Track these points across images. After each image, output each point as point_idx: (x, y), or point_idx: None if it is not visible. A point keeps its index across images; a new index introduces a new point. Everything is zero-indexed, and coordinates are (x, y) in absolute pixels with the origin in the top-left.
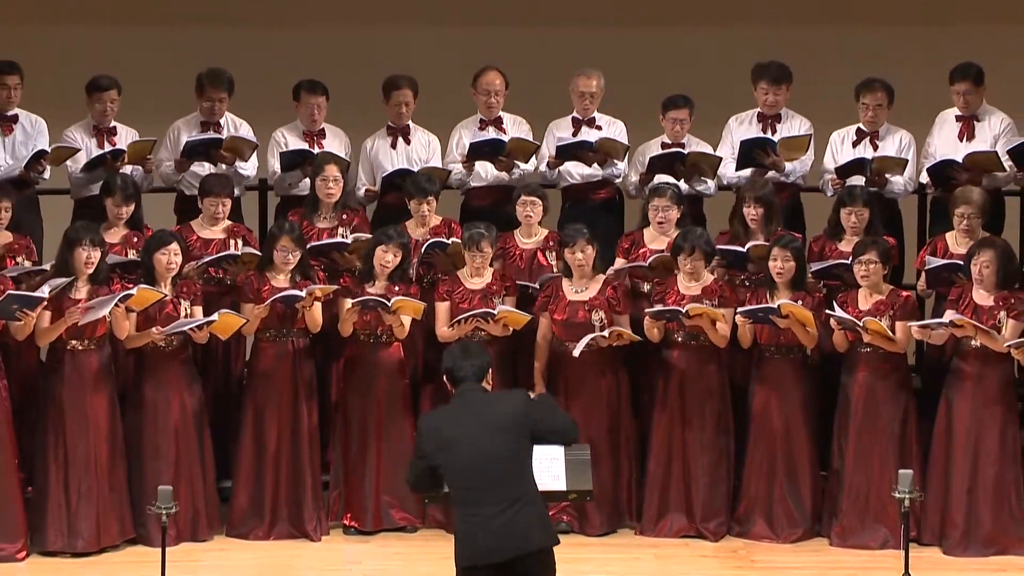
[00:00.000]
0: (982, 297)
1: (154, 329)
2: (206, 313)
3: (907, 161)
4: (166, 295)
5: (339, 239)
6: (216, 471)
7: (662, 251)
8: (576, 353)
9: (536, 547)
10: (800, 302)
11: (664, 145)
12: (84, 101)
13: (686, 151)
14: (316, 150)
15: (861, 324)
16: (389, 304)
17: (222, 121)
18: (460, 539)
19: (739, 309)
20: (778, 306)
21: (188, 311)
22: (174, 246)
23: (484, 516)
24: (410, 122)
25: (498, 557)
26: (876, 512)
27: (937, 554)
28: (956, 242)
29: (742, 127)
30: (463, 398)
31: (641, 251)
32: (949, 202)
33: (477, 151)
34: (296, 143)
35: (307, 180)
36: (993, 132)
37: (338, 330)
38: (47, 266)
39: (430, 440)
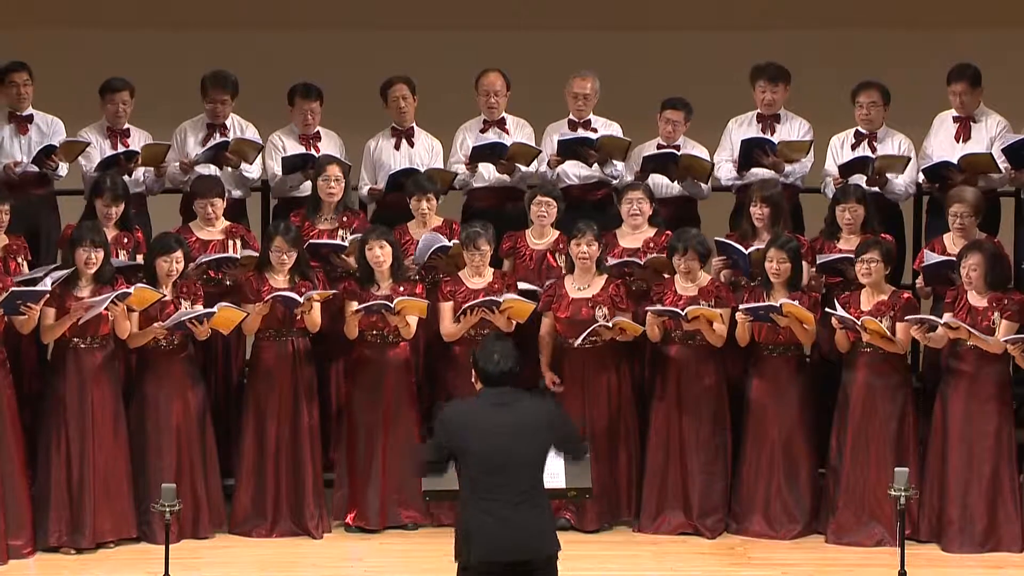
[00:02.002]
0: (976, 299)
1: (156, 324)
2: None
3: (909, 159)
4: (164, 295)
5: (336, 241)
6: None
7: (637, 249)
8: (577, 343)
9: (545, 553)
10: (797, 302)
11: (660, 147)
12: (97, 104)
13: (679, 152)
14: (313, 153)
15: (860, 323)
16: (392, 305)
17: (228, 123)
18: (472, 534)
19: (741, 306)
20: (780, 304)
21: (189, 310)
22: (178, 254)
23: (502, 515)
24: (414, 125)
25: (511, 556)
26: (872, 510)
27: (933, 551)
28: (953, 242)
29: (741, 128)
30: (491, 395)
31: (616, 251)
32: (944, 203)
33: (479, 154)
34: (292, 146)
35: (307, 183)
36: (990, 134)
37: (338, 331)
38: (53, 267)
39: (454, 431)
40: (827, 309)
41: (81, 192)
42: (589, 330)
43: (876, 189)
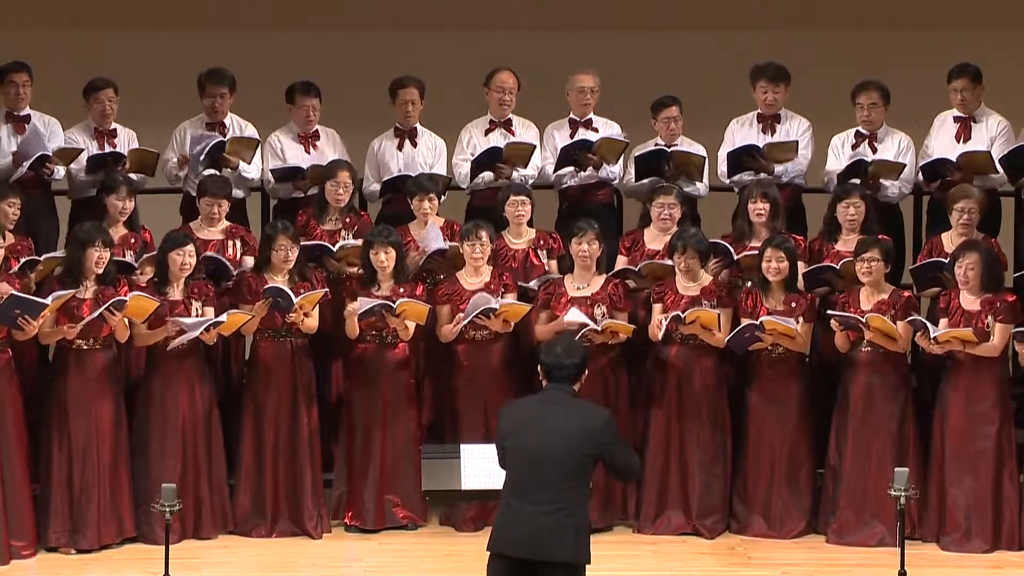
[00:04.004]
0: (969, 302)
1: (169, 321)
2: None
3: (904, 165)
4: (160, 303)
5: (322, 242)
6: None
7: (658, 251)
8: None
9: (564, 559)
10: (794, 304)
11: (657, 145)
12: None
13: (669, 150)
14: (312, 153)
15: (864, 320)
16: (393, 307)
17: (227, 122)
18: (496, 524)
19: (728, 340)
20: (760, 323)
21: (200, 311)
22: (190, 247)
23: (525, 512)
24: (418, 124)
25: (522, 553)
26: (873, 509)
27: (933, 551)
28: (952, 242)
29: (743, 129)
30: (548, 395)
31: (640, 249)
32: (947, 201)
33: (479, 165)
34: (291, 146)
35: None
36: (990, 134)
37: (339, 329)
38: (56, 254)
39: (504, 424)
40: (828, 311)
41: (64, 192)
42: (580, 333)
43: (869, 192)
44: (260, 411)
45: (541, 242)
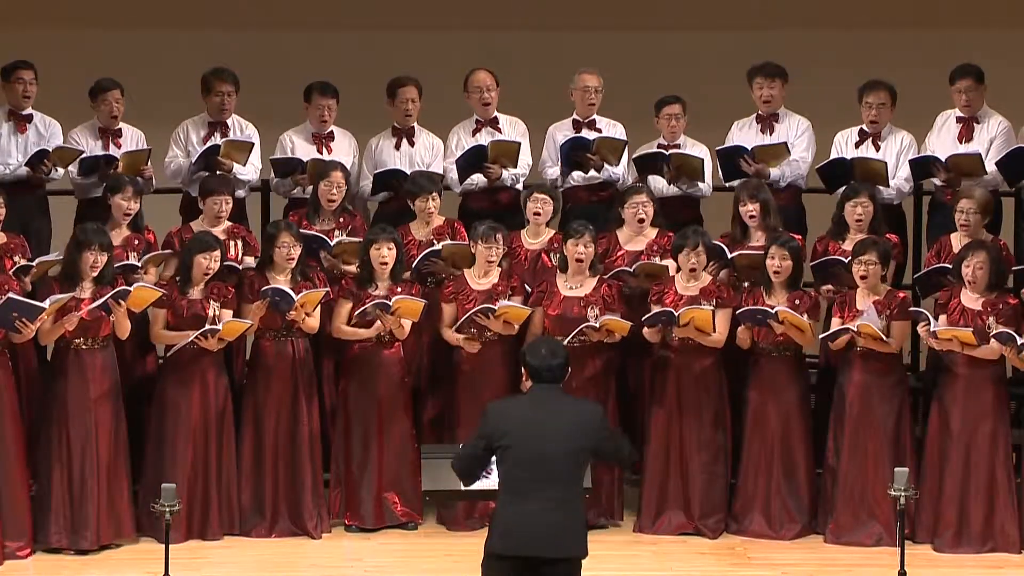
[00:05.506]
0: (971, 300)
1: (192, 334)
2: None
3: (885, 163)
4: (164, 294)
5: (316, 232)
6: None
7: (640, 252)
8: (565, 342)
9: (567, 555)
10: (798, 301)
11: (660, 147)
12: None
13: (668, 153)
14: (325, 153)
15: (855, 328)
16: (390, 304)
17: (229, 122)
18: (497, 526)
19: (738, 312)
20: (775, 312)
21: (217, 312)
22: (216, 252)
23: (528, 511)
24: (415, 124)
25: (529, 552)
26: (871, 509)
27: (932, 551)
28: (959, 242)
29: (743, 132)
30: (538, 394)
31: (619, 253)
32: (941, 200)
33: (466, 166)
34: (304, 146)
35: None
36: (990, 135)
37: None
38: (50, 257)
39: (497, 424)
40: (820, 335)
41: (69, 192)
42: (576, 330)
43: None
44: (260, 410)
45: (555, 244)
